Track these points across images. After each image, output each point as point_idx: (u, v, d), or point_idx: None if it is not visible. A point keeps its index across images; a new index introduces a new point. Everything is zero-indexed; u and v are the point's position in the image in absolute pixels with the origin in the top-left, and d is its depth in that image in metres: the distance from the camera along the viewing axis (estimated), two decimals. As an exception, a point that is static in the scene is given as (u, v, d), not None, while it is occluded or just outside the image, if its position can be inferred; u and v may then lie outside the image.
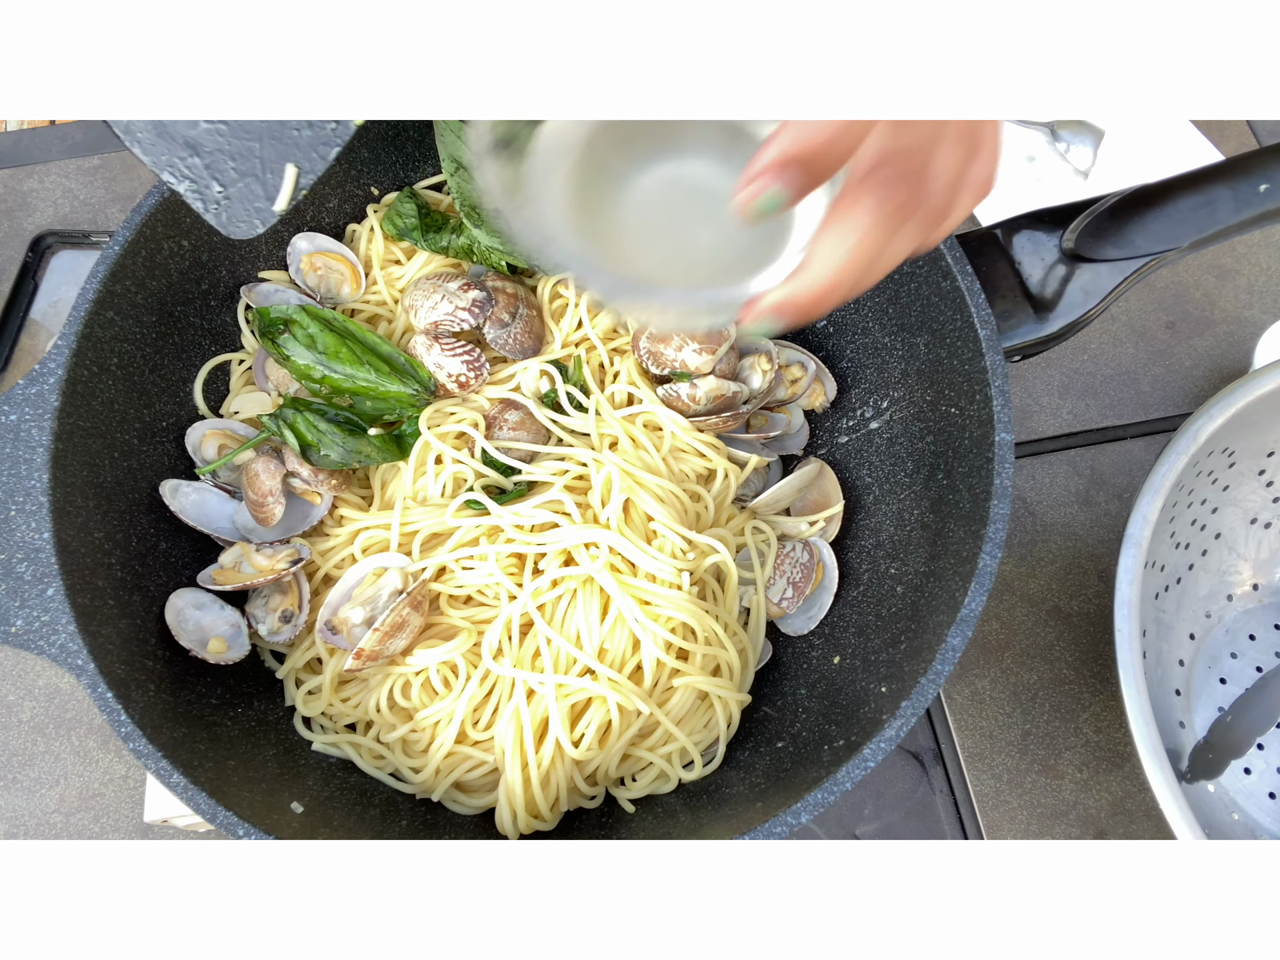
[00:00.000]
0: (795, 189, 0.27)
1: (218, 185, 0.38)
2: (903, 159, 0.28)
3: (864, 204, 0.28)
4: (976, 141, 0.32)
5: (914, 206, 0.29)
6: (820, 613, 0.57)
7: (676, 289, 0.31)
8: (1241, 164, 0.49)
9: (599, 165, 0.33)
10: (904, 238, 0.30)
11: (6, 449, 0.47)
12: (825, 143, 0.26)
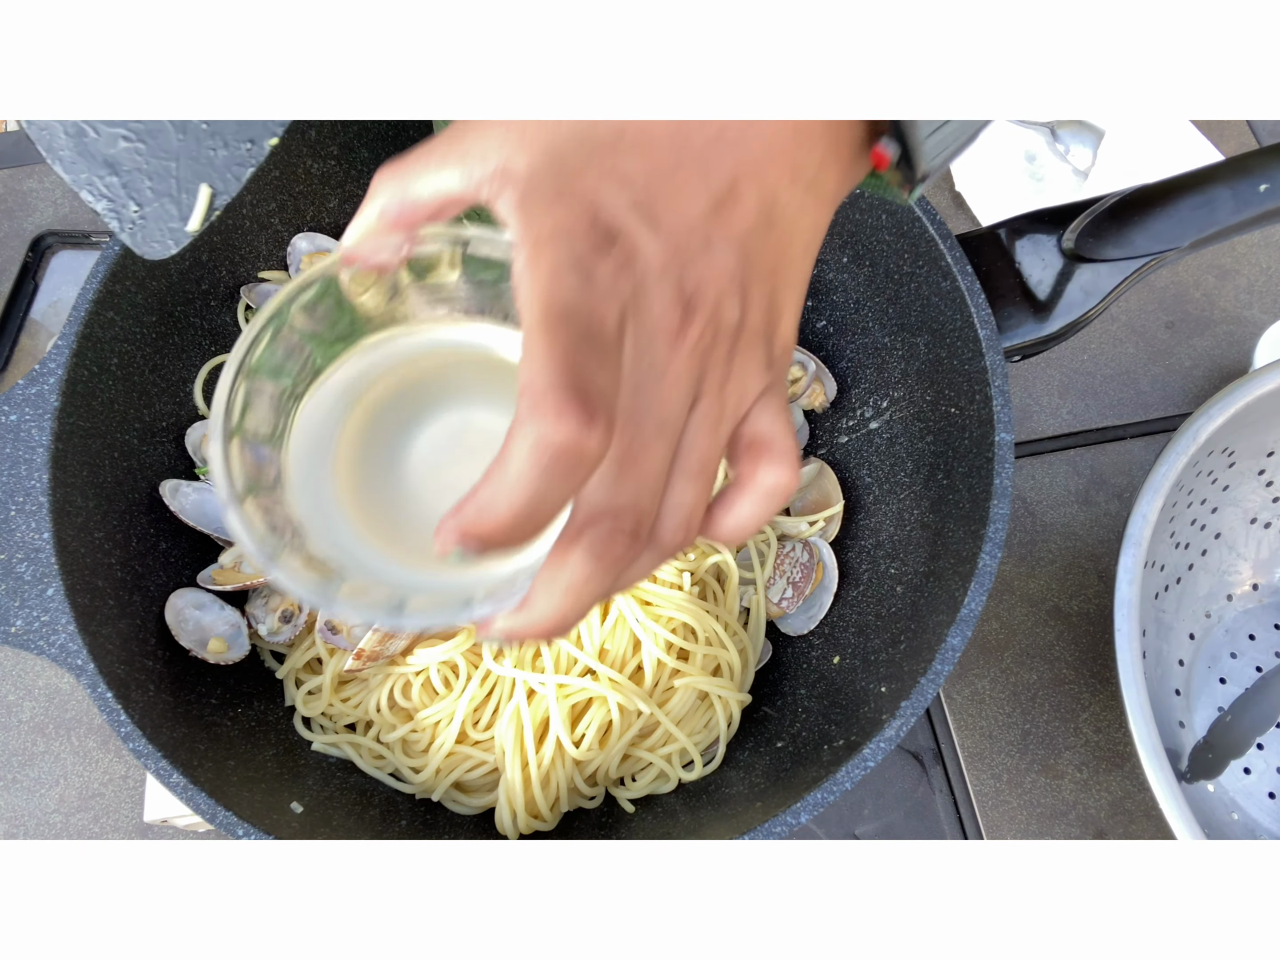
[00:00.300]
0: (481, 555, 0.25)
1: (134, 205, 0.38)
2: (624, 514, 0.26)
3: (579, 555, 0.26)
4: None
5: (637, 552, 0.27)
6: (820, 613, 0.57)
7: (406, 608, 0.28)
8: (1241, 164, 0.49)
9: (366, 432, 0.31)
10: (640, 567, 0.28)
11: (6, 449, 0.47)
12: (494, 536, 0.24)
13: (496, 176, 0.27)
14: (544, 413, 0.23)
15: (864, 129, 0.31)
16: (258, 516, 0.28)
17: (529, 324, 0.24)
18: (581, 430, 0.23)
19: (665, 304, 0.26)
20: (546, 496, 0.24)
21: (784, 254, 0.29)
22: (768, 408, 0.30)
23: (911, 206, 0.51)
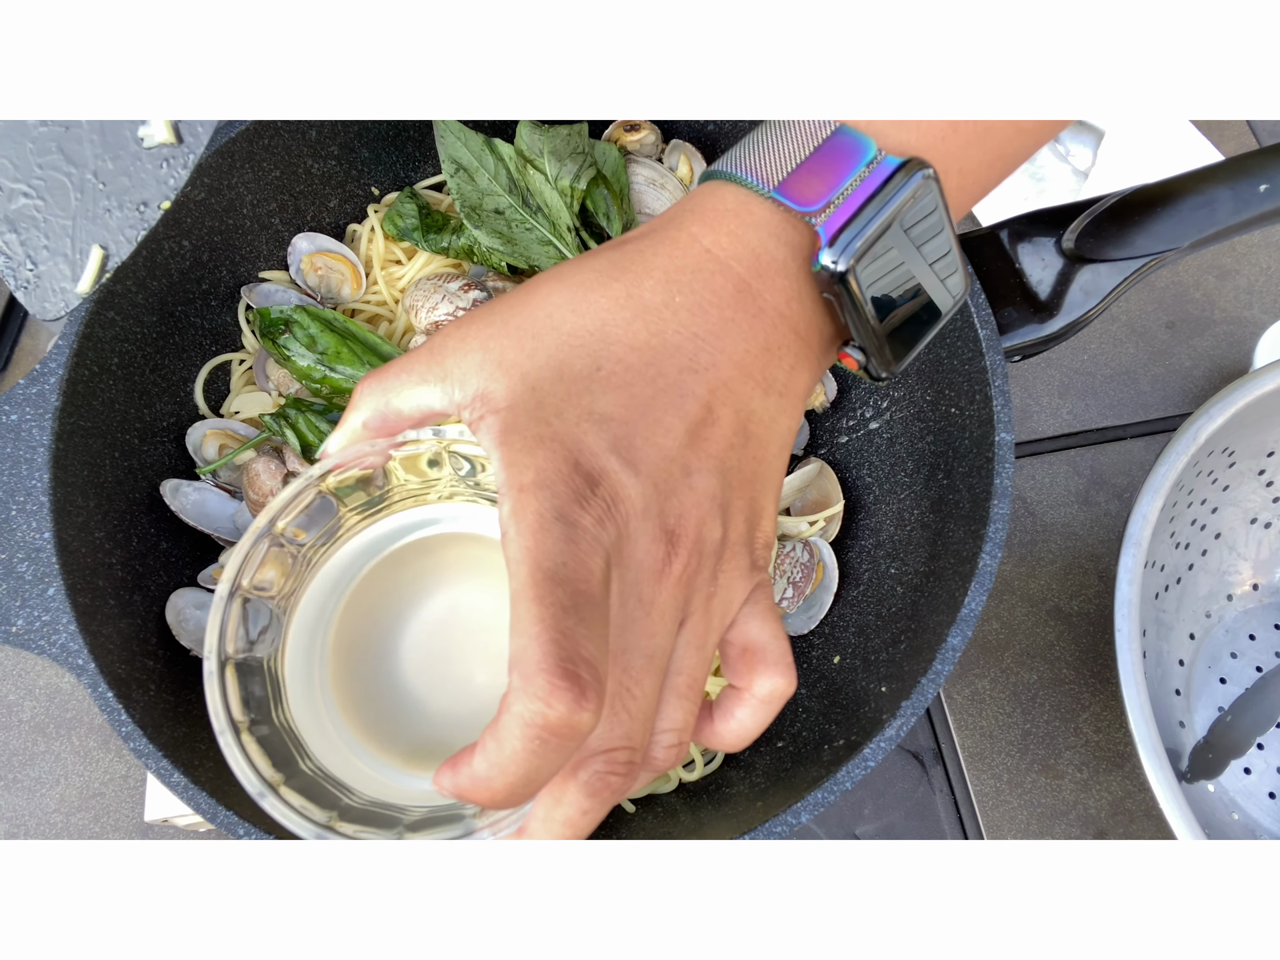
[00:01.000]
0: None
1: (30, 264, 0.38)
2: (618, 751, 0.27)
3: (575, 792, 0.27)
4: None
5: (631, 780, 0.28)
6: (820, 612, 0.57)
7: (405, 832, 0.29)
8: (1241, 164, 0.49)
9: (355, 623, 0.31)
10: (633, 788, 0.29)
11: (7, 449, 0.47)
12: (489, 803, 0.25)
13: (476, 402, 0.28)
14: (536, 693, 0.23)
15: (830, 331, 0.32)
16: (254, 745, 0.28)
17: (517, 586, 0.25)
18: (573, 709, 0.23)
19: (649, 543, 0.27)
20: (541, 769, 0.24)
21: (761, 462, 0.30)
22: (755, 613, 0.30)
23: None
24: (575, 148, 0.60)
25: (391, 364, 0.30)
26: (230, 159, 0.55)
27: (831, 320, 0.31)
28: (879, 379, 0.33)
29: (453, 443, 0.30)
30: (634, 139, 0.64)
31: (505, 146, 0.60)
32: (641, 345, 0.28)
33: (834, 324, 0.31)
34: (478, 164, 0.59)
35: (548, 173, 0.59)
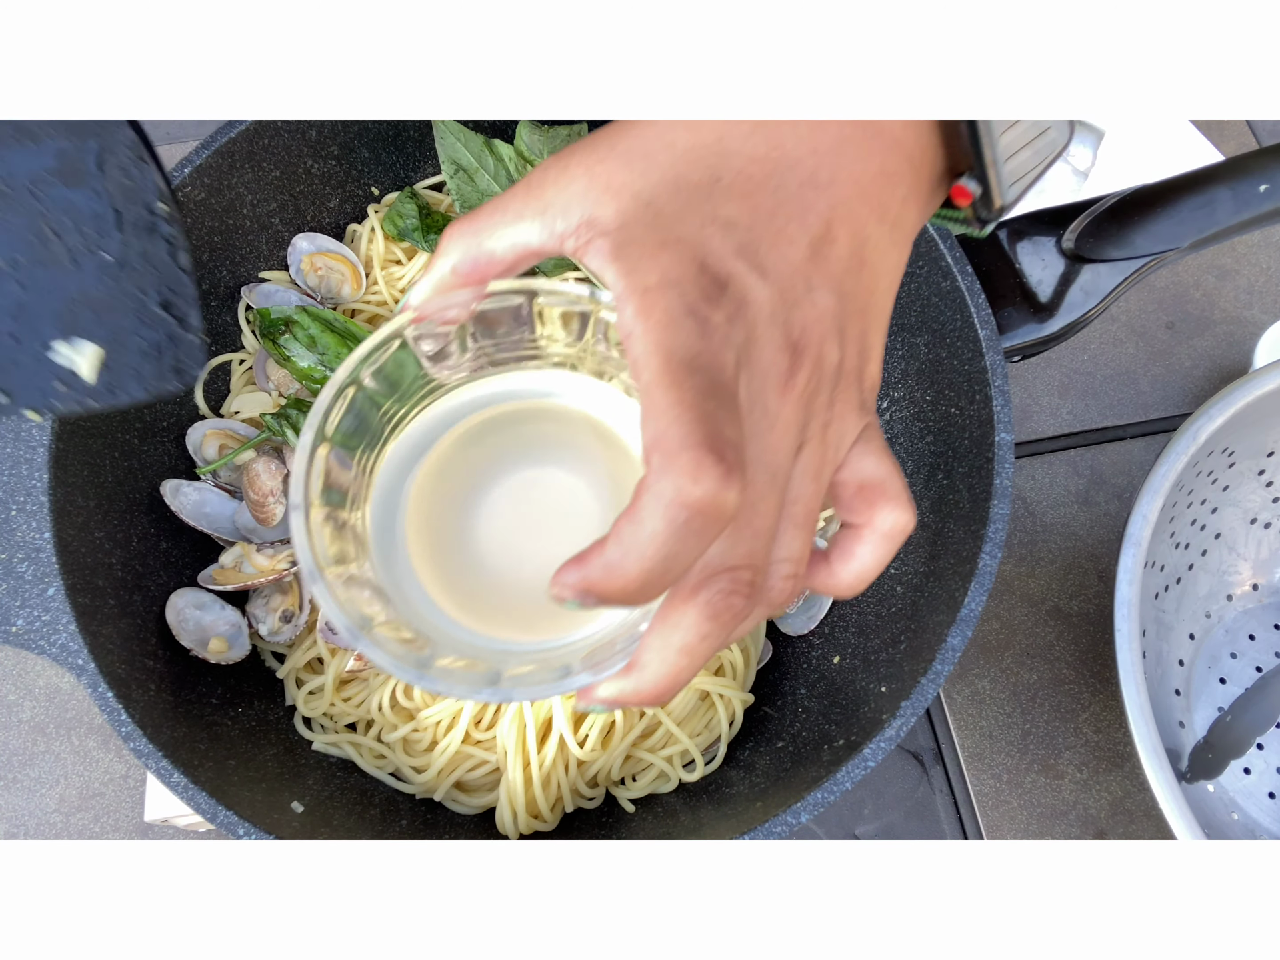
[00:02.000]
0: (597, 608, 0.25)
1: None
2: (740, 570, 0.26)
3: (695, 613, 0.25)
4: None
5: (751, 607, 0.26)
6: (820, 612, 0.57)
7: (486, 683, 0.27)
8: (1241, 164, 0.49)
9: (438, 488, 0.31)
10: (750, 622, 0.28)
11: (7, 449, 0.47)
12: (620, 594, 0.23)
13: (583, 228, 0.27)
14: (680, 470, 0.22)
15: (942, 165, 0.31)
16: (341, 588, 0.27)
17: (650, 376, 0.24)
18: (720, 487, 0.22)
19: (775, 350, 0.26)
20: (680, 555, 0.23)
21: (873, 293, 0.29)
22: (870, 450, 0.30)
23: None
24: (575, 148, 0.60)
25: (483, 205, 0.29)
26: (230, 159, 0.55)
27: (945, 153, 0.30)
28: (985, 221, 0.32)
29: (540, 291, 0.28)
30: (634, 139, 0.64)
31: (505, 147, 0.60)
32: (761, 158, 0.27)
33: (947, 158, 0.30)
34: (477, 165, 0.59)
35: (548, 173, 0.59)
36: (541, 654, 0.29)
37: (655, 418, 0.23)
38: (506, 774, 0.51)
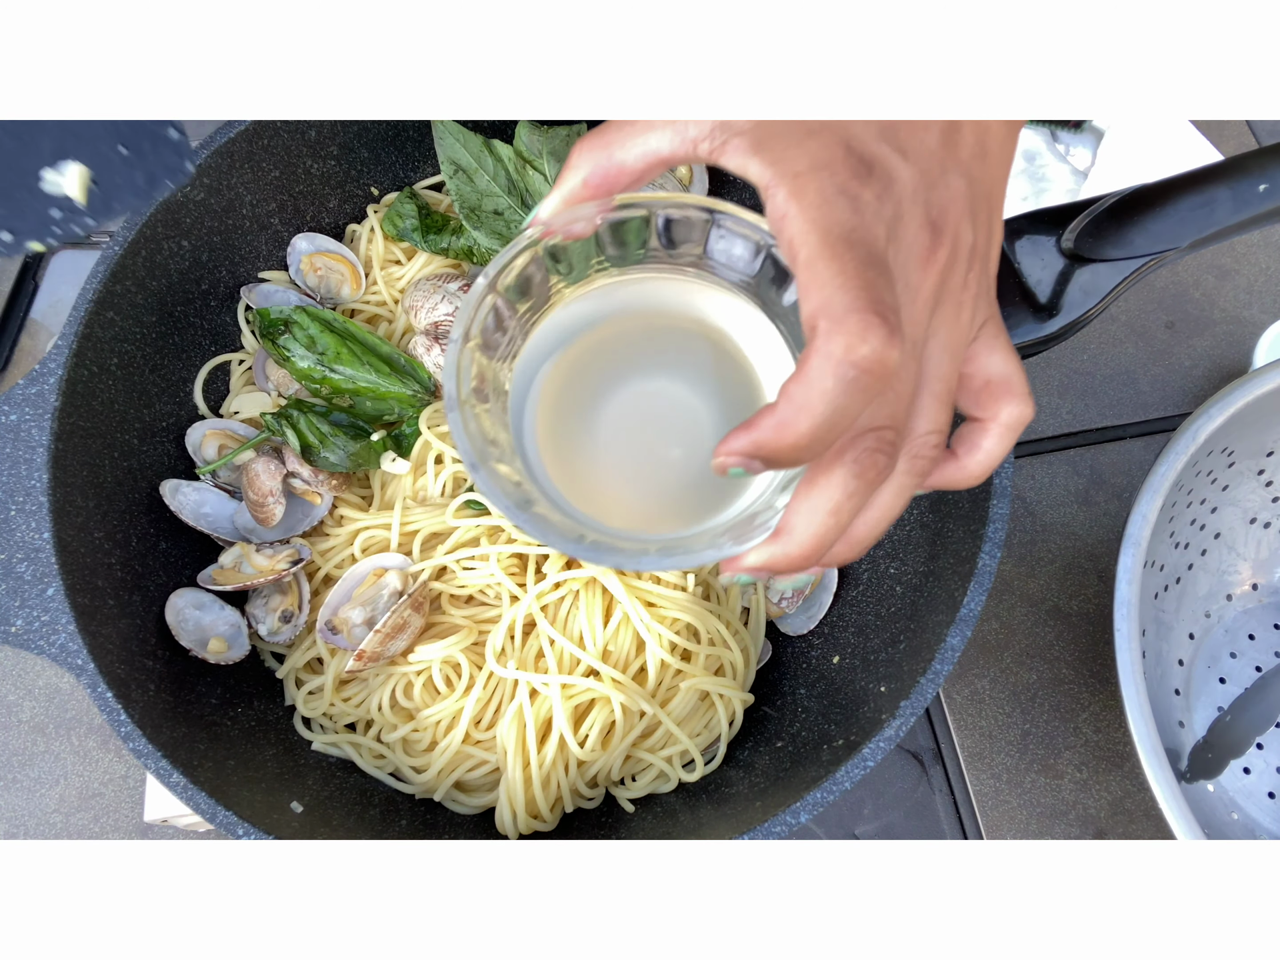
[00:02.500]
0: (761, 472, 0.27)
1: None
2: (884, 430, 0.27)
3: (842, 473, 0.27)
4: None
5: (892, 470, 0.28)
6: (820, 612, 0.57)
7: (644, 552, 0.29)
8: (1241, 164, 0.49)
9: (571, 384, 0.32)
10: (895, 496, 0.29)
11: (6, 449, 0.47)
12: (790, 451, 0.25)
13: (716, 130, 0.28)
14: (848, 330, 0.24)
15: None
16: (473, 421, 0.29)
17: (809, 251, 0.25)
18: (885, 346, 0.24)
19: (918, 227, 0.27)
20: (846, 411, 0.25)
21: (995, 182, 0.30)
22: (997, 347, 0.32)
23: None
24: (575, 148, 0.60)
25: (610, 123, 0.30)
26: (230, 159, 0.55)
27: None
28: (1076, 126, 0.33)
29: (666, 201, 0.30)
30: (634, 139, 0.64)
31: (504, 147, 0.60)
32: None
33: None
34: (477, 165, 0.59)
35: (547, 173, 0.59)
36: (640, 542, 0.31)
37: (819, 288, 0.25)
38: (506, 774, 0.51)
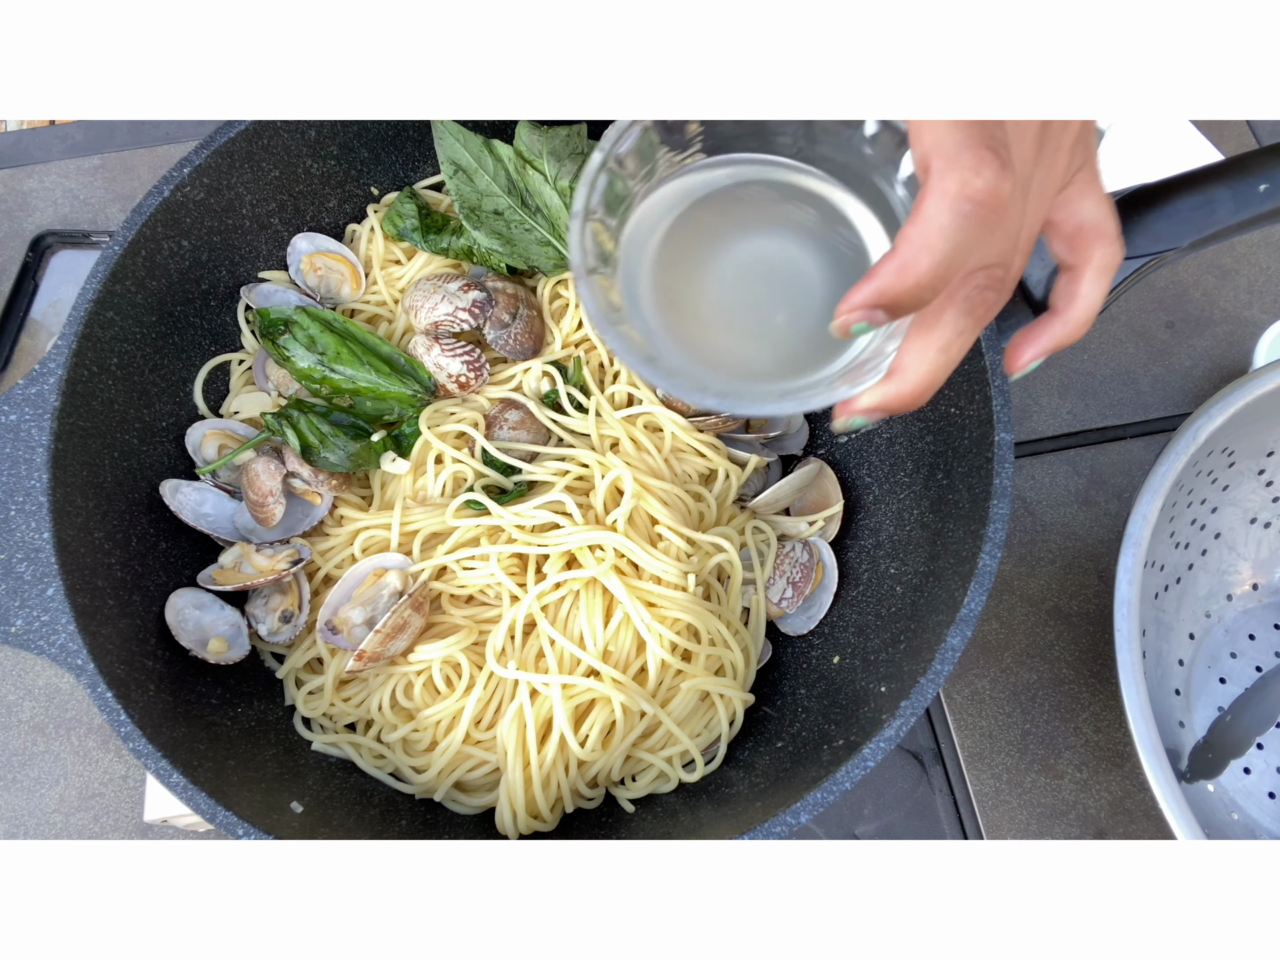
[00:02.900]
0: (884, 323, 0.27)
1: None
2: (994, 268, 0.28)
3: (952, 312, 0.28)
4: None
5: (1000, 303, 0.29)
6: (820, 612, 0.57)
7: (766, 398, 0.32)
8: (1241, 164, 0.49)
9: (683, 250, 0.34)
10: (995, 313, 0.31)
11: (6, 449, 0.47)
12: (913, 291, 0.26)
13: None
14: (963, 165, 0.25)
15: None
16: (599, 291, 0.31)
17: (923, 114, 0.26)
18: (999, 178, 0.25)
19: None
20: (966, 247, 0.26)
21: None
22: (1089, 192, 0.33)
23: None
24: (574, 148, 0.60)
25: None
26: (230, 159, 0.55)
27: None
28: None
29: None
30: (634, 139, 0.64)
31: (504, 147, 0.60)
32: None
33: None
34: (476, 165, 0.59)
35: (547, 173, 0.59)
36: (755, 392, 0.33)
37: (930, 130, 0.26)
38: (506, 774, 0.51)
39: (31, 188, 0.77)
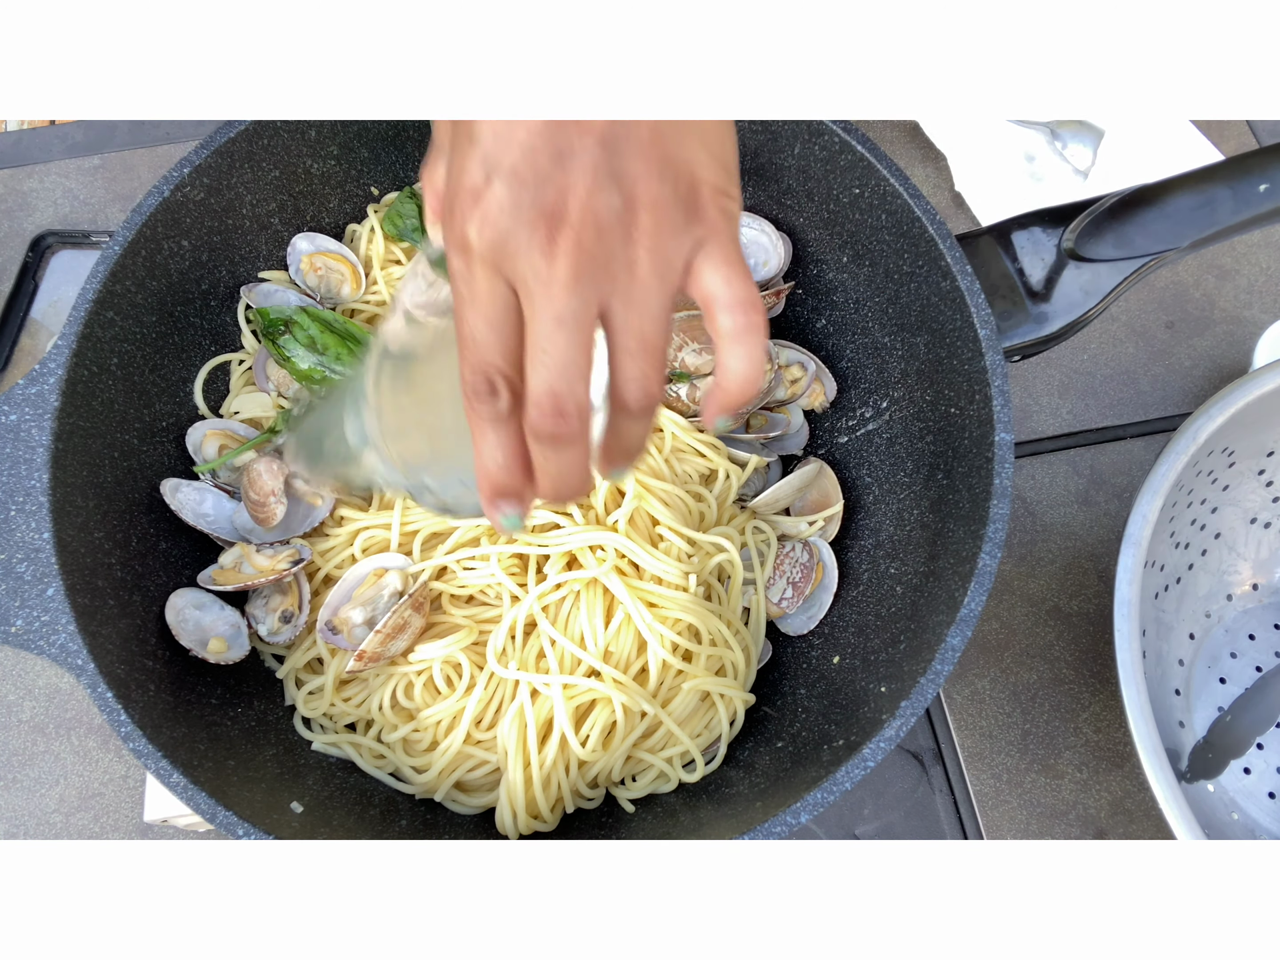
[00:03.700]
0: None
1: None
2: (543, 403, 0.30)
3: (518, 438, 0.31)
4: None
5: (569, 431, 0.31)
6: (820, 612, 0.57)
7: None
8: (1241, 164, 0.49)
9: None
10: (629, 438, 0.33)
11: (6, 449, 0.47)
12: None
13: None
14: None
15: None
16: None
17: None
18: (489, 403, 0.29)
19: (526, 233, 0.28)
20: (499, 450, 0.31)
21: (659, 121, 0.29)
22: (707, 263, 0.31)
23: (910, 206, 0.51)
24: (575, 148, 0.60)
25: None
26: (230, 159, 0.55)
27: None
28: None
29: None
30: (634, 139, 0.63)
31: (505, 146, 0.59)
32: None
33: None
34: (477, 164, 0.59)
35: (547, 173, 0.59)
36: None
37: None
38: (507, 774, 0.51)
39: (31, 188, 0.77)
